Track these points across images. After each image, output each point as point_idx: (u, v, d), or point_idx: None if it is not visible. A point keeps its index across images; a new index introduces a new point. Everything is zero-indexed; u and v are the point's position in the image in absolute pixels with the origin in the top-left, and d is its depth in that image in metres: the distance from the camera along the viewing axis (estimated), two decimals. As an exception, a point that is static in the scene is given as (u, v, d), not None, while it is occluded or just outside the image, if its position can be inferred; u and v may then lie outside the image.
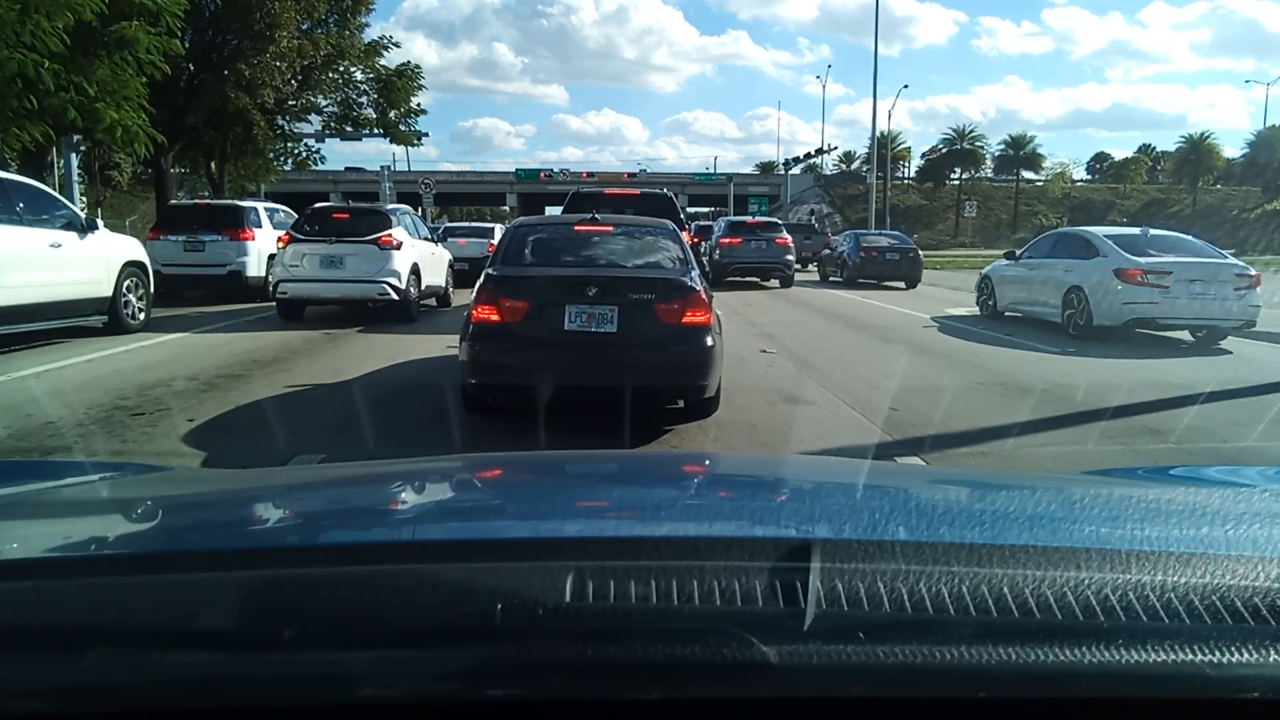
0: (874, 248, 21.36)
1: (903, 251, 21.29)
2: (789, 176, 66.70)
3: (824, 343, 10.33)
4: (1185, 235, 12.43)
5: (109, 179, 35.92)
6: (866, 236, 23.11)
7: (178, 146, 21.44)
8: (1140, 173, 77.46)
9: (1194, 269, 10.41)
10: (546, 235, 6.48)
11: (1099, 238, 11.49)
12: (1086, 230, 12.70)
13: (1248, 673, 0.72)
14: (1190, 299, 10.23)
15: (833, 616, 0.73)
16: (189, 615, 0.76)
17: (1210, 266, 10.56)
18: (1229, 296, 10.29)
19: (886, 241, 22.30)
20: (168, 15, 12.95)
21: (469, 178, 70.39)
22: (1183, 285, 10.23)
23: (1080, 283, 10.92)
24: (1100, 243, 11.27)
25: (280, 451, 4.79)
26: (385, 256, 11.25)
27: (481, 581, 0.77)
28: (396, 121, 24.42)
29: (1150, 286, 10.26)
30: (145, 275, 10.39)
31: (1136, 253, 10.75)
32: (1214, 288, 10.30)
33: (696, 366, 5.17)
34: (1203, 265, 10.59)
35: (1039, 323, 11.87)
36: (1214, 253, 11.32)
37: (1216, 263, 10.74)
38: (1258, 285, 10.48)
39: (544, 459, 2.34)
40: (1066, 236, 12.66)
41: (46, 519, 1.27)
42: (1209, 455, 5.26)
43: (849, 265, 21.47)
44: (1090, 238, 11.66)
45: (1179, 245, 11.40)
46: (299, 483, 1.50)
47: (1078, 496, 1.35)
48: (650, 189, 12.90)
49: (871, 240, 22.39)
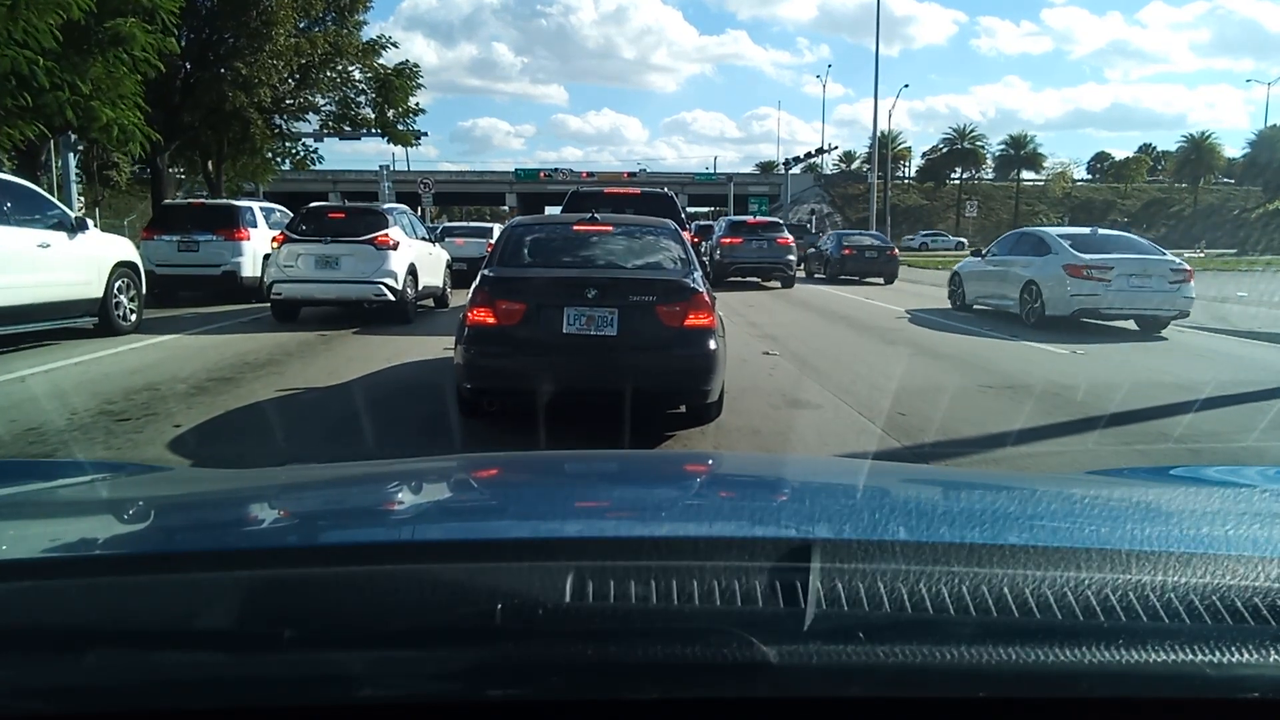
0: (854, 246, 23.08)
1: (880, 250, 23.15)
2: (789, 176, 66.70)
3: (823, 343, 10.41)
4: (1130, 235, 13.86)
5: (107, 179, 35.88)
6: (848, 236, 24.79)
7: (174, 146, 21.38)
8: (1141, 172, 77.56)
9: (1133, 264, 11.52)
10: (545, 235, 6.36)
11: (1052, 237, 12.68)
12: (1041, 230, 14.14)
13: (1248, 673, 0.72)
14: (1130, 291, 11.36)
15: (833, 616, 0.73)
16: (189, 615, 0.76)
17: (1148, 262, 11.67)
18: (1165, 289, 11.41)
19: (866, 241, 24.11)
20: (163, 12, 12.92)
21: (468, 178, 70.39)
22: (1123, 279, 11.32)
23: (1035, 278, 12.07)
24: (1053, 241, 12.41)
25: (271, 458, 4.69)
26: (381, 257, 11.19)
27: (481, 581, 0.77)
28: (395, 121, 24.32)
29: (1094, 280, 11.34)
30: (137, 276, 10.33)
31: (1083, 250, 11.85)
32: (1152, 281, 11.41)
33: (699, 370, 5.05)
34: (1141, 261, 11.67)
35: (1002, 314, 12.93)
36: (1154, 250, 12.45)
37: (1154, 259, 11.84)
38: (1191, 279, 11.58)
39: (544, 459, 2.34)
40: (1025, 236, 13.82)
41: (46, 519, 1.26)
42: (1209, 455, 5.26)
43: (831, 263, 23.16)
44: (1044, 237, 12.92)
45: (1123, 244, 12.58)
46: (299, 483, 1.50)
47: (1078, 496, 1.35)
48: (651, 188, 12.88)
49: (853, 240, 24.00)
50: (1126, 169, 78.08)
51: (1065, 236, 12.68)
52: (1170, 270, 11.52)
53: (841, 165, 78.63)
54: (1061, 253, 11.95)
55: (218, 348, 9.00)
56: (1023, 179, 71.55)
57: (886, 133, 55.27)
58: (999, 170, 74.47)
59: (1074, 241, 12.30)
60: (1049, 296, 11.75)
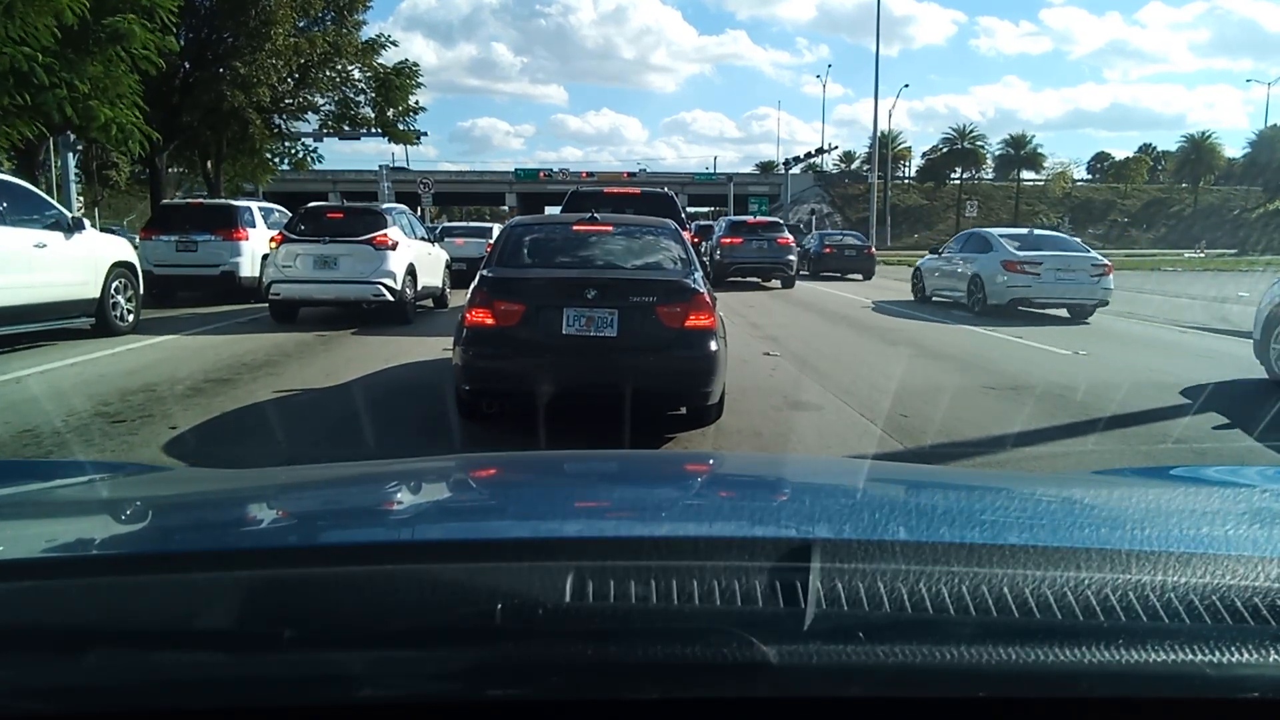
0: (835, 245, 25.48)
1: (859, 249, 25.51)
2: (789, 176, 66.66)
3: (824, 343, 10.43)
4: (1061, 234, 16.27)
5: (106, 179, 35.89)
6: (829, 235, 27.52)
7: (173, 145, 21.36)
8: (1141, 172, 77.53)
9: (1060, 260, 13.35)
10: (544, 235, 6.32)
11: (994, 237, 14.63)
12: (986, 231, 15.95)
13: (1248, 673, 0.72)
14: (1057, 283, 13.19)
15: (833, 616, 0.73)
16: (189, 615, 0.76)
17: (1073, 259, 13.45)
18: (1087, 282, 13.22)
19: (847, 240, 26.50)
20: (162, 11, 12.90)
21: (468, 177, 70.37)
22: (1051, 273, 13.16)
23: (979, 272, 14.01)
24: (994, 241, 14.35)
25: (269, 460, 4.66)
26: (380, 257, 11.17)
27: (481, 581, 0.77)
28: (395, 120, 24.32)
29: (1027, 274, 13.21)
30: (134, 276, 10.30)
31: (1019, 249, 13.74)
32: (1076, 275, 13.22)
33: (699, 372, 5.01)
34: (1067, 257, 13.47)
35: (954, 304, 14.93)
36: (1080, 248, 14.41)
37: (1078, 255, 13.68)
38: (1110, 273, 13.45)
39: (544, 459, 2.34)
40: (973, 236, 15.63)
41: (46, 519, 1.26)
42: (1209, 456, 5.27)
43: (813, 260, 25.11)
44: (987, 236, 14.85)
45: (1054, 243, 14.51)
46: (298, 483, 1.50)
47: (1078, 496, 1.35)
48: (651, 188, 12.88)
49: (834, 239, 26.55)
50: (1127, 169, 78.08)
51: (1005, 236, 14.57)
52: (1091, 265, 13.35)
53: (841, 165, 78.65)
54: (1000, 250, 13.80)
55: (215, 348, 8.98)
56: (1023, 179, 71.55)
57: (886, 133, 55.35)
58: (999, 170, 74.48)
59: (1012, 241, 14.21)
60: (990, 289, 13.62)
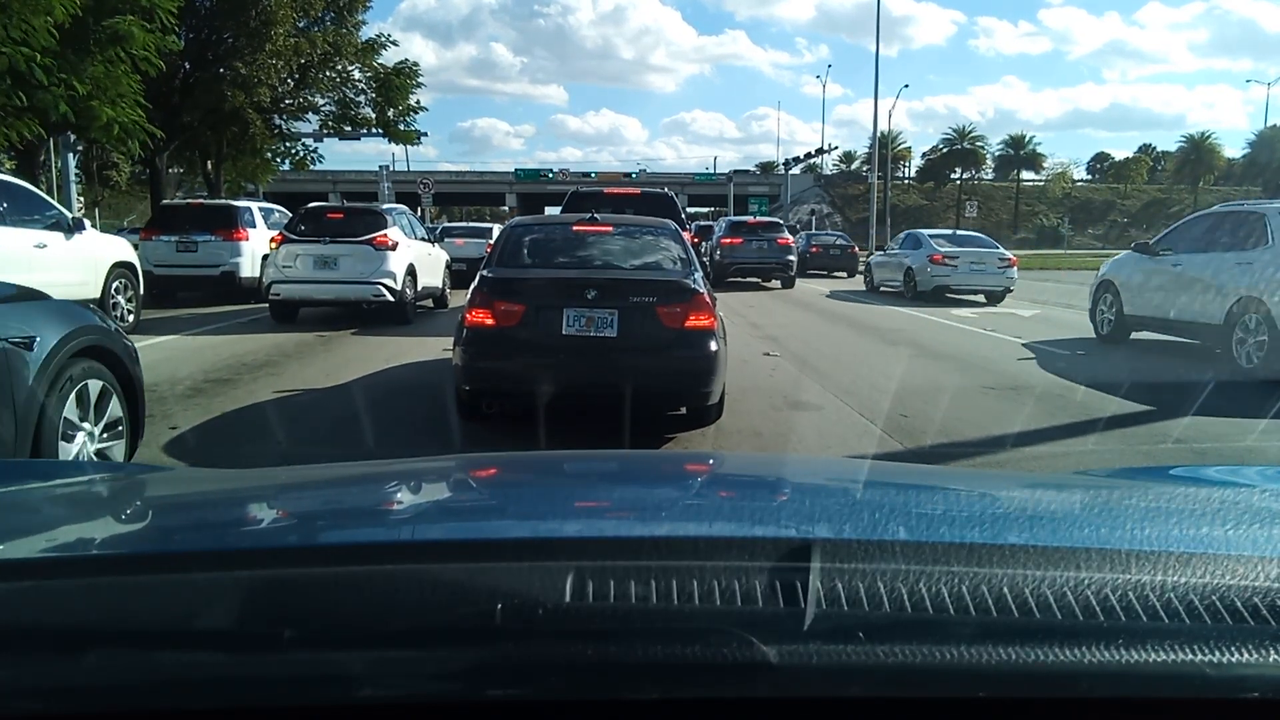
0: (821, 245, 27.60)
1: (843, 248, 27.70)
2: (789, 176, 66.59)
3: (825, 344, 10.47)
4: (979, 235, 19.48)
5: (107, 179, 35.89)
6: (815, 236, 30.09)
7: (173, 145, 21.36)
8: (1141, 173, 77.48)
9: (974, 255, 16.71)
10: (544, 235, 6.32)
11: (924, 236, 18.15)
12: (918, 231, 19.62)
13: (1248, 673, 0.72)
14: (971, 274, 16.57)
15: (833, 616, 0.72)
16: (189, 615, 0.76)
17: (984, 254, 16.83)
18: (995, 272, 16.57)
19: (831, 240, 28.85)
20: (162, 12, 12.89)
21: (468, 178, 70.34)
22: (966, 265, 16.53)
23: (911, 265, 17.35)
24: (924, 240, 17.77)
25: (268, 461, 4.64)
26: (380, 257, 11.17)
27: (481, 581, 0.77)
28: (395, 120, 24.31)
29: (947, 266, 16.54)
30: (134, 276, 10.29)
31: (943, 245, 17.11)
32: (986, 267, 16.58)
33: (700, 372, 5.02)
34: (980, 253, 16.86)
35: (894, 292, 18.11)
36: (991, 245, 17.70)
37: (989, 251, 17.04)
38: (1014, 265, 16.84)
39: (544, 459, 2.34)
40: (910, 235, 19.08)
41: (46, 519, 1.26)
42: (1209, 456, 5.27)
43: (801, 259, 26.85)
44: (919, 236, 18.35)
45: (972, 241, 17.88)
46: (299, 483, 1.50)
47: (1078, 496, 1.35)
48: (651, 188, 12.88)
49: (819, 239, 28.89)
50: (1127, 169, 78.06)
51: (934, 236, 18.10)
52: (999, 260, 16.66)
53: (841, 165, 78.60)
54: (928, 247, 17.13)
55: (215, 348, 8.98)
56: (1022, 179, 71.55)
57: (886, 133, 55.19)
58: (999, 170, 74.47)
59: (939, 240, 17.69)
60: (919, 278, 16.87)
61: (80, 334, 3.70)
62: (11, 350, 3.26)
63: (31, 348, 3.36)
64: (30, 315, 3.51)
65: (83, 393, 3.71)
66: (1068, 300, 17.18)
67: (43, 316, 3.58)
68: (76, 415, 3.67)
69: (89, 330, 3.80)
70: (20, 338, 3.33)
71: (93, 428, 3.82)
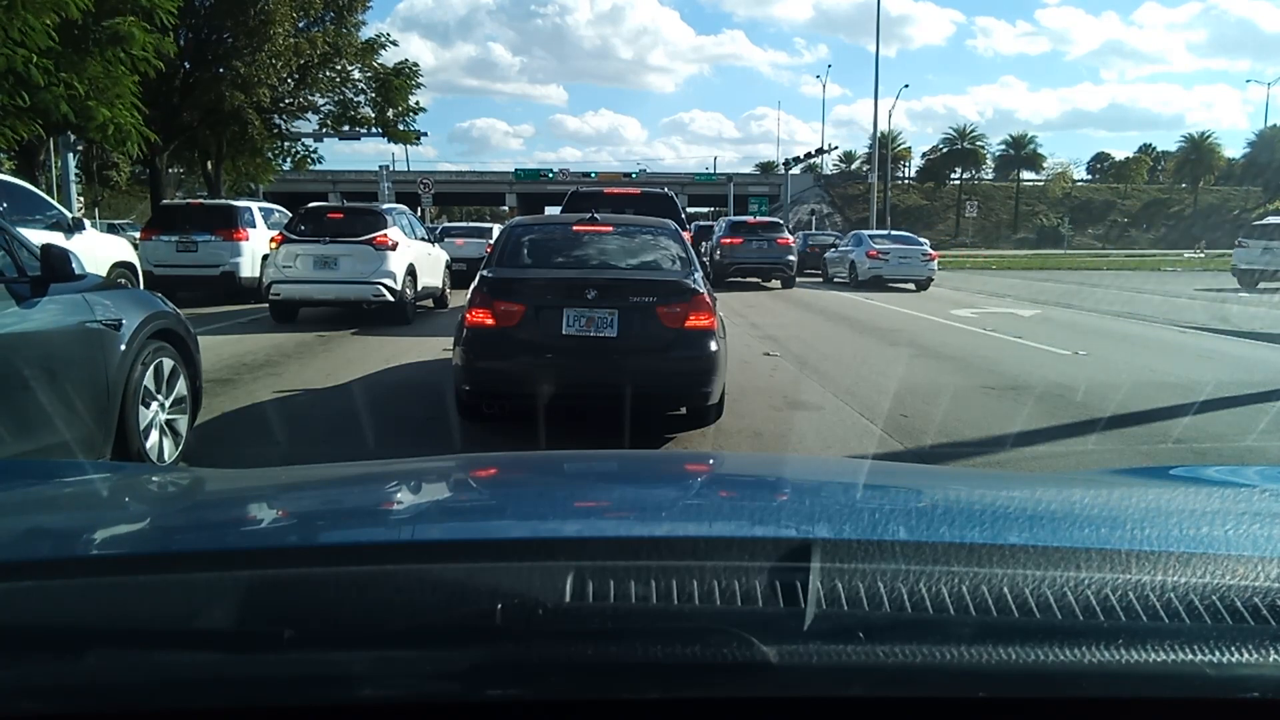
0: (818, 245, 28.69)
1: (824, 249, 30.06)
2: (789, 176, 66.56)
3: (825, 344, 10.48)
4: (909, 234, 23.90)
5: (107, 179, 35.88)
6: (812, 236, 31.61)
7: (173, 145, 21.35)
8: (1141, 173, 77.49)
9: (902, 250, 20.66)
10: (544, 236, 6.31)
11: (864, 235, 22.80)
12: (860, 231, 25.07)
13: (1248, 673, 0.72)
14: (899, 266, 20.39)
15: (833, 616, 0.72)
16: (189, 615, 0.76)
17: (910, 250, 20.75)
18: (919, 264, 20.47)
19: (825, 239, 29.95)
20: (161, 12, 12.89)
21: (468, 178, 70.31)
22: (896, 258, 20.41)
23: (854, 259, 21.24)
24: (864, 238, 22.12)
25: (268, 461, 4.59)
26: (380, 257, 11.17)
27: (481, 581, 0.77)
28: (395, 120, 24.32)
29: (880, 260, 20.35)
30: (134, 276, 10.27)
31: (878, 243, 21.15)
32: (912, 260, 20.48)
33: (700, 372, 5.01)
34: (906, 248, 20.84)
35: (843, 281, 21.72)
36: (917, 242, 21.70)
37: (914, 248, 20.95)
38: (935, 259, 20.96)
39: (544, 459, 2.34)
40: (854, 234, 24.13)
41: (46, 519, 1.26)
42: (1209, 456, 5.27)
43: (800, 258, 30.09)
44: (861, 235, 23.00)
45: (902, 239, 21.99)
46: (299, 483, 1.50)
47: (1078, 496, 1.35)
48: (651, 188, 12.88)
49: (816, 239, 30.17)
50: (1127, 169, 78.06)
51: (872, 235, 22.64)
52: (922, 255, 20.60)
53: (841, 165, 78.51)
54: (866, 244, 21.14)
55: (215, 348, 8.93)
56: (1022, 179, 71.55)
57: (886, 133, 55.25)
58: (999, 170, 74.51)
59: (876, 238, 21.90)
60: (859, 269, 20.72)
61: (155, 319, 4.29)
62: (105, 330, 3.89)
63: (119, 329, 3.96)
64: (117, 301, 4.11)
65: (159, 368, 4.31)
66: (1068, 300, 17.36)
67: (126, 302, 4.21)
68: (153, 386, 4.26)
69: (162, 316, 4.41)
70: (111, 320, 3.93)
71: (164, 399, 4.38)
